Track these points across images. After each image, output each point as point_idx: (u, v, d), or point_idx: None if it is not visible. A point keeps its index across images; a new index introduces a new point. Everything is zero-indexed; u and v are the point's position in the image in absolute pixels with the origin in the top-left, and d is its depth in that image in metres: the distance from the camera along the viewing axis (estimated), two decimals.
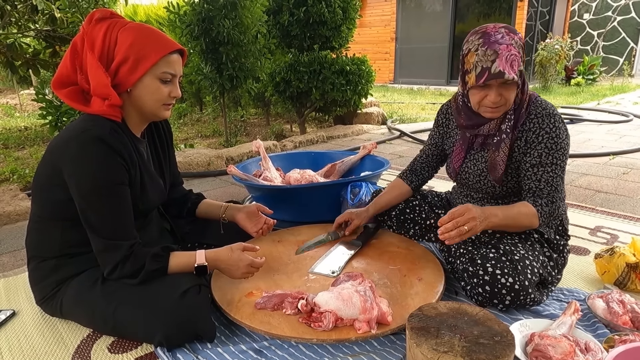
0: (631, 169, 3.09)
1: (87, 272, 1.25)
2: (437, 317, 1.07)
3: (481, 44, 1.26)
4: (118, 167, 1.16)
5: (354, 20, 4.53)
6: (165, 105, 1.25)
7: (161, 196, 1.40)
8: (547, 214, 1.30)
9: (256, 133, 5.09)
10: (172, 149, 1.51)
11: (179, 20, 3.71)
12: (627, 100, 6.78)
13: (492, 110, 1.33)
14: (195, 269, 1.26)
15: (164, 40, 1.19)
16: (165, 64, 1.19)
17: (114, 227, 1.17)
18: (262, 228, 1.57)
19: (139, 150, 1.28)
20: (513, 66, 1.23)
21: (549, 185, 1.32)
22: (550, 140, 1.31)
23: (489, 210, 1.27)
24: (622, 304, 1.26)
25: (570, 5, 10.96)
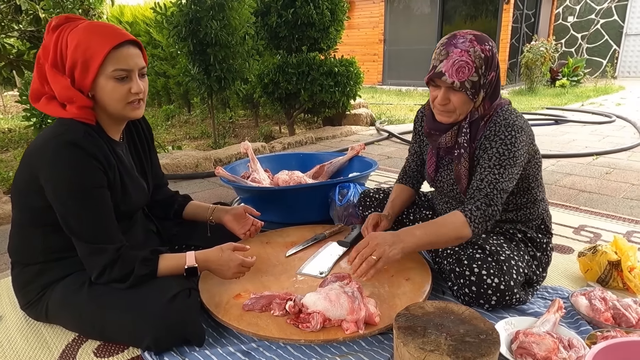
0: (614, 168, 3.15)
1: (74, 275, 1.23)
2: (423, 317, 1.07)
3: (443, 44, 1.28)
4: (93, 170, 1.13)
5: (342, 22, 4.55)
6: (131, 104, 1.19)
7: (144, 197, 1.38)
8: (478, 218, 1.24)
9: (245, 134, 5.08)
10: (153, 149, 1.49)
11: (166, 22, 3.69)
12: (610, 102, 6.91)
13: (440, 112, 1.33)
14: (186, 270, 1.25)
15: (109, 34, 1.12)
16: (115, 61, 1.12)
17: (96, 231, 1.15)
18: (250, 230, 1.57)
19: (117, 153, 1.25)
20: (459, 72, 1.23)
21: (491, 186, 1.25)
22: (503, 146, 1.26)
23: (406, 232, 1.24)
24: (604, 301, 1.29)
25: (554, 8, 11.14)
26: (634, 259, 1.48)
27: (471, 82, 1.25)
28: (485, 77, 1.27)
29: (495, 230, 1.46)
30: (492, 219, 1.26)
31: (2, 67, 3.82)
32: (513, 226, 1.46)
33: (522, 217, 1.45)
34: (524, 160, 1.30)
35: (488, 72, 1.27)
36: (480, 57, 1.24)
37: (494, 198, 1.25)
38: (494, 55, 1.28)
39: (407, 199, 1.67)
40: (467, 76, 1.24)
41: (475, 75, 1.25)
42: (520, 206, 1.44)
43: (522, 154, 1.28)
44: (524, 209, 1.45)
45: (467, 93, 1.26)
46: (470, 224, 1.24)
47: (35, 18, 3.72)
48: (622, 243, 1.52)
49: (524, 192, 1.42)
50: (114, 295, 1.18)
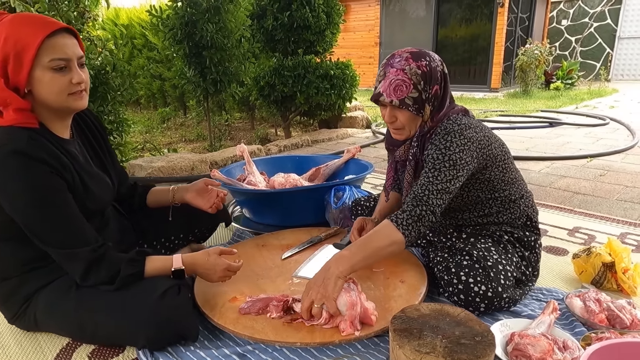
0: (608, 171, 3.18)
1: (59, 280, 1.21)
2: (419, 319, 1.08)
3: (383, 64, 1.33)
4: (45, 175, 1.08)
5: (338, 25, 4.56)
6: (73, 95, 1.12)
7: (110, 192, 1.34)
8: (406, 220, 1.22)
9: (241, 137, 5.08)
10: (109, 143, 1.42)
11: (162, 24, 3.69)
12: (604, 104, 6.97)
13: (393, 131, 1.40)
14: (173, 273, 1.24)
15: (39, 23, 1.06)
16: (50, 50, 1.06)
17: (66, 236, 1.12)
18: (215, 202, 1.52)
19: (69, 152, 1.19)
20: (396, 91, 1.26)
21: (422, 187, 1.25)
22: (437, 151, 1.27)
23: (334, 258, 1.21)
24: (598, 303, 1.29)
25: (548, 12, 11.23)
26: (627, 260, 1.48)
27: (412, 99, 1.28)
28: (427, 91, 1.29)
29: (483, 233, 1.46)
30: (423, 219, 1.23)
31: None
32: (499, 227, 1.46)
33: (504, 218, 1.46)
34: (467, 163, 1.28)
35: (429, 86, 1.29)
36: (417, 74, 1.27)
37: (423, 198, 1.24)
38: (432, 70, 1.29)
39: (395, 203, 1.68)
40: (406, 93, 1.27)
41: (415, 92, 1.27)
42: (497, 210, 1.45)
43: (460, 157, 1.26)
44: (503, 211, 1.45)
45: (409, 110, 1.29)
46: (399, 227, 1.22)
47: None
48: (616, 245, 1.53)
49: (494, 196, 1.43)
50: (103, 297, 1.17)
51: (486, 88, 9.26)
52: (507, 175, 1.43)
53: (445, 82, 1.34)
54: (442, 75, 1.33)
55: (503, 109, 6.62)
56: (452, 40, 9.75)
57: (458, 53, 9.59)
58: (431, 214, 1.25)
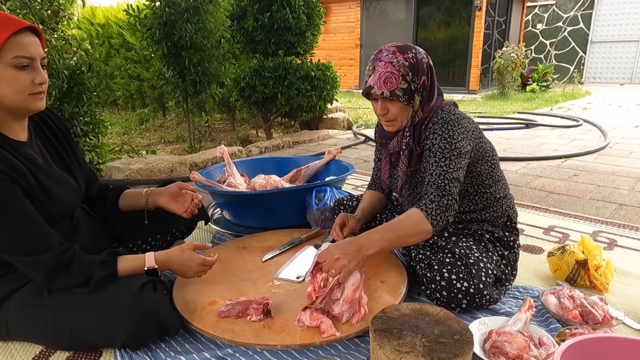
0: (581, 171, 3.27)
1: (30, 285, 1.17)
2: (399, 319, 1.09)
3: (371, 59, 1.38)
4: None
5: (319, 27, 4.57)
6: (34, 95, 1.09)
7: (75, 195, 1.29)
8: (435, 210, 1.25)
9: (221, 138, 5.03)
10: (73, 143, 1.36)
11: (140, 24, 3.63)
12: (577, 106, 7.17)
13: (385, 123, 1.43)
14: (146, 271, 1.23)
15: (5, 21, 1.03)
16: (14, 47, 1.02)
17: (24, 243, 1.07)
18: (190, 207, 1.49)
19: (24, 155, 1.13)
20: (386, 83, 1.31)
21: (440, 177, 1.28)
22: (444, 140, 1.32)
23: (365, 238, 1.24)
24: (572, 299, 1.33)
25: (524, 16, 11.50)
26: (599, 257, 1.53)
27: (402, 90, 1.33)
28: (415, 82, 1.34)
29: (465, 232, 1.49)
30: (449, 209, 1.27)
31: None
32: (480, 226, 1.49)
33: (487, 216, 1.49)
34: (468, 152, 1.34)
35: (417, 77, 1.34)
36: (405, 65, 1.32)
37: (445, 187, 1.27)
38: (418, 61, 1.34)
39: (377, 203, 1.70)
40: (396, 85, 1.32)
41: (404, 83, 1.32)
42: (482, 207, 1.48)
43: (464, 145, 1.32)
44: (486, 208, 1.49)
45: (400, 100, 1.34)
46: (428, 217, 1.24)
47: None
48: (588, 242, 1.58)
49: (482, 191, 1.47)
50: (79, 298, 1.14)
51: (465, 90, 9.42)
52: (494, 172, 1.47)
53: (432, 73, 1.40)
54: (428, 67, 1.38)
55: (481, 111, 6.75)
56: (431, 42, 9.89)
57: (437, 55, 9.73)
58: (455, 202, 1.28)
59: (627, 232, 2.08)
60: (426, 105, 1.39)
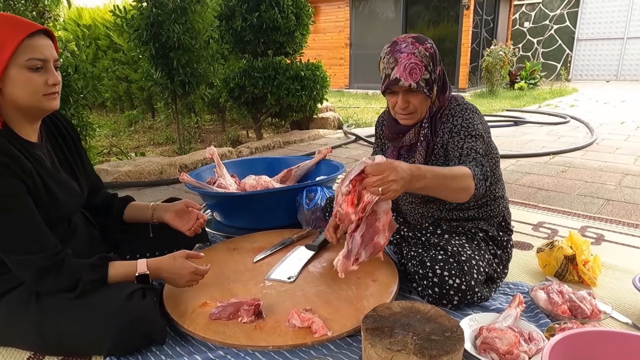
0: (569, 167, 3.31)
1: (17, 290, 1.16)
2: (390, 317, 1.09)
3: (387, 52, 1.35)
4: (4, 180, 1.05)
5: (308, 26, 4.57)
6: (48, 96, 1.11)
7: (78, 200, 1.30)
8: (480, 175, 1.24)
9: (212, 139, 5.00)
10: (81, 148, 1.39)
11: (127, 25, 3.59)
12: (564, 103, 7.25)
13: (404, 116, 1.41)
14: (137, 278, 1.21)
15: (19, 23, 1.06)
16: (28, 49, 1.05)
17: (21, 242, 1.08)
18: (194, 226, 1.49)
19: (34, 155, 1.15)
20: (412, 74, 1.30)
21: (473, 151, 1.29)
22: (465, 122, 1.35)
23: (418, 169, 1.14)
24: (561, 295, 1.34)
25: (512, 14, 11.61)
26: (587, 252, 1.55)
27: (425, 80, 1.33)
28: (434, 72, 1.36)
29: (458, 230, 1.50)
30: (487, 180, 1.26)
31: None
32: (475, 225, 1.50)
33: (483, 214, 1.50)
34: (484, 138, 1.37)
35: (435, 67, 1.36)
36: (426, 56, 1.33)
37: (480, 160, 1.28)
38: (435, 51, 1.37)
39: None
40: (420, 76, 1.32)
41: (427, 73, 1.33)
42: (481, 204, 1.49)
43: (482, 129, 1.36)
44: (484, 206, 1.50)
45: (424, 91, 1.34)
46: (474, 177, 1.21)
47: None
48: (576, 238, 1.60)
49: None
50: (67, 304, 1.13)
51: (454, 88, 9.49)
52: (496, 170, 1.50)
53: (442, 65, 1.42)
54: (440, 58, 1.41)
55: None
56: None
57: None
58: (489, 176, 1.28)
59: (614, 226, 2.11)
60: (441, 95, 1.41)
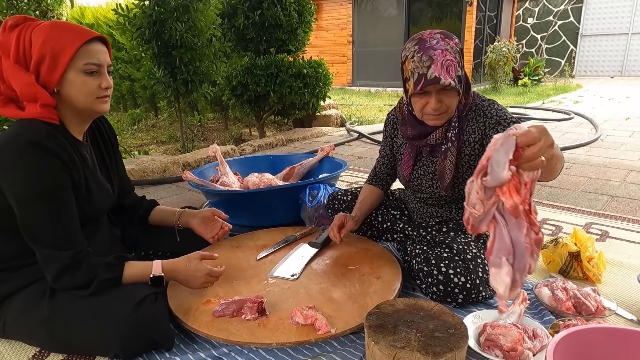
0: (573, 163, 3.29)
1: (34, 286, 1.18)
2: (394, 314, 1.09)
3: (417, 51, 1.25)
4: (57, 171, 1.10)
5: (310, 24, 4.56)
6: (100, 98, 1.18)
7: (109, 201, 1.35)
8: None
9: (214, 138, 5.01)
10: (117, 152, 1.46)
11: (129, 23, 3.60)
12: (568, 100, 7.21)
13: (435, 117, 1.32)
14: (151, 279, 1.23)
15: (78, 30, 1.14)
16: (85, 54, 1.13)
17: (56, 235, 1.11)
18: (218, 233, 1.53)
19: (82, 154, 1.22)
20: (449, 71, 1.23)
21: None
22: (499, 113, 1.33)
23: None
24: (565, 291, 1.34)
25: (515, 10, 11.55)
26: (592, 249, 1.54)
27: (458, 77, 1.27)
28: (463, 68, 1.31)
29: (464, 228, 1.49)
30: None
31: None
32: None
33: None
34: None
35: (463, 63, 1.32)
36: (457, 51, 1.27)
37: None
38: (461, 48, 1.32)
39: (375, 199, 1.68)
40: (455, 73, 1.25)
41: (460, 70, 1.28)
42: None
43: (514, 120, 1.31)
44: None
45: (457, 89, 1.27)
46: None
47: None
48: (581, 235, 1.59)
49: None
50: (78, 304, 1.14)
51: None
52: None
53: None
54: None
55: None
56: None
57: None
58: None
59: (619, 223, 2.09)
60: (466, 94, 1.36)
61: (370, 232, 1.71)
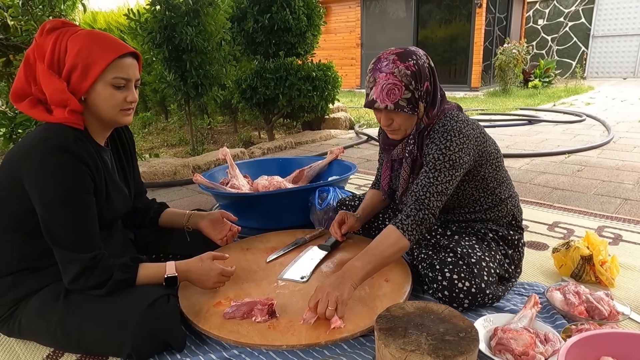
0: (585, 166, 3.25)
1: (49, 288, 1.20)
2: (404, 317, 1.08)
3: (370, 70, 1.32)
4: (82, 175, 1.13)
5: (319, 27, 4.57)
6: (124, 111, 1.22)
7: (126, 205, 1.37)
8: (411, 226, 1.26)
9: (224, 140, 5.04)
10: (135, 157, 1.49)
11: (140, 28, 3.64)
12: (580, 101, 7.14)
13: (390, 132, 1.40)
14: (165, 280, 1.25)
15: (113, 44, 1.16)
16: (116, 69, 1.16)
17: (77, 238, 1.14)
18: (227, 235, 1.55)
19: (103, 159, 1.26)
20: (390, 95, 1.27)
21: (423, 189, 1.28)
22: (438, 151, 1.29)
23: (347, 268, 1.25)
24: (577, 295, 1.32)
25: (525, 12, 11.46)
26: (605, 253, 1.52)
27: (405, 100, 1.29)
28: (419, 90, 1.30)
29: (468, 230, 1.48)
30: (425, 222, 1.28)
31: None
32: (484, 225, 1.49)
33: (491, 215, 1.49)
34: (465, 163, 1.31)
35: (420, 84, 1.30)
36: (407, 75, 1.27)
37: (424, 201, 1.28)
38: (420, 67, 1.29)
39: (378, 202, 1.70)
40: (399, 96, 1.28)
41: (407, 92, 1.28)
42: (487, 207, 1.48)
43: (460, 157, 1.29)
44: (491, 209, 1.48)
45: (404, 111, 1.30)
46: (405, 233, 1.26)
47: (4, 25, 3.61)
48: (593, 238, 1.57)
49: (487, 194, 1.46)
50: (92, 305, 1.16)
51: (466, 87, 9.40)
52: (499, 173, 1.46)
53: (434, 76, 1.35)
54: (430, 70, 1.34)
55: (483, 108, 6.73)
56: (432, 40, 9.88)
57: (438, 53, 9.71)
58: (432, 216, 1.29)
59: (632, 226, 2.07)
60: (430, 110, 1.35)
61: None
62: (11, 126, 2.66)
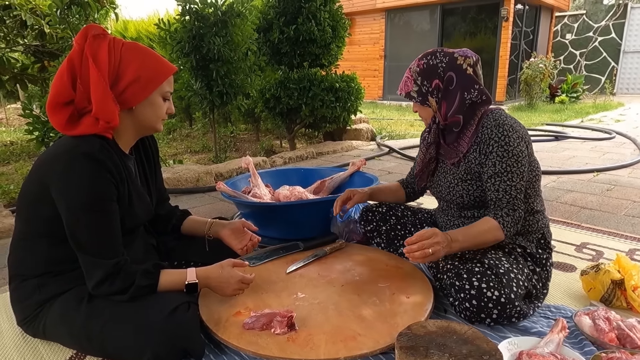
0: (615, 185, 3.15)
1: (73, 291, 1.23)
2: (426, 336, 1.06)
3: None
4: (107, 183, 1.16)
5: (344, 39, 4.60)
6: (162, 120, 1.32)
7: (148, 212, 1.39)
8: (510, 223, 1.35)
9: (246, 149, 5.10)
10: (158, 164, 1.52)
11: (170, 37, 3.74)
12: (609, 118, 6.95)
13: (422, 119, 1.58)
14: (186, 286, 1.26)
15: (164, 60, 1.28)
16: (168, 83, 1.28)
17: (101, 244, 1.16)
18: (247, 245, 1.55)
19: (127, 167, 1.28)
20: (405, 86, 1.50)
21: (507, 194, 1.36)
22: (501, 148, 1.36)
23: (452, 236, 1.33)
24: (608, 321, 1.27)
25: (553, 26, 11.28)
26: (637, 278, 1.46)
27: (415, 92, 1.48)
28: (426, 85, 1.45)
29: (495, 245, 1.45)
30: (520, 221, 1.38)
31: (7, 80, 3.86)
32: (512, 240, 1.46)
33: (522, 229, 1.45)
34: (526, 157, 1.38)
35: (428, 81, 1.45)
36: (416, 71, 1.46)
37: (515, 202, 1.36)
38: (430, 67, 1.44)
39: (394, 191, 1.80)
40: (410, 88, 1.48)
41: (415, 86, 1.47)
42: None
43: (521, 150, 1.37)
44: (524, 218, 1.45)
45: (415, 100, 1.50)
46: (504, 228, 1.35)
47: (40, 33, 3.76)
48: (625, 261, 1.51)
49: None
50: (114, 310, 1.18)
51: None
52: (536, 184, 1.48)
53: (453, 79, 1.42)
54: (444, 71, 1.42)
55: None
56: None
57: None
58: (523, 214, 1.39)
59: None
60: (443, 103, 1.44)
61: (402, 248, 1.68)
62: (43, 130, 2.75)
